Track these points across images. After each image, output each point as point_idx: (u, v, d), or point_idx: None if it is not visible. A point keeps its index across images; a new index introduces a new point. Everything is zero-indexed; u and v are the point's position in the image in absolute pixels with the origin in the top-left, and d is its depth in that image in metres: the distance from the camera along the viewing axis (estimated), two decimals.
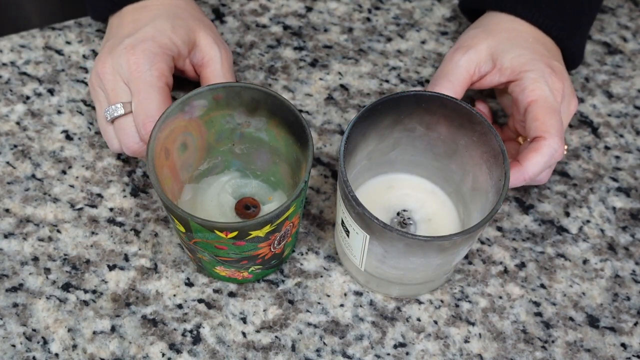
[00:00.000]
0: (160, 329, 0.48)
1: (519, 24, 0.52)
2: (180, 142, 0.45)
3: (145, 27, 0.49)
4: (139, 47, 0.48)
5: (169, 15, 0.50)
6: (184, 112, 0.43)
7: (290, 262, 0.51)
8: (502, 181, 0.42)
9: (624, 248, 0.53)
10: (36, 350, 0.47)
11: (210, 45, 0.51)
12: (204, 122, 0.45)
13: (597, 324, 0.50)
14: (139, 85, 0.47)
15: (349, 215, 0.43)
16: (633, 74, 0.61)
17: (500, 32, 0.52)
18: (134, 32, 0.49)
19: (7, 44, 0.59)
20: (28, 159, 0.54)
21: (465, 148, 0.46)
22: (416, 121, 0.46)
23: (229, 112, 0.45)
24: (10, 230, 0.51)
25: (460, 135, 0.45)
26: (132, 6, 0.52)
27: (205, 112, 0.44)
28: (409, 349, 0.48)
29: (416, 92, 0.44)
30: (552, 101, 0.49)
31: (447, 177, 0.49)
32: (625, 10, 0.64)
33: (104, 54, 0.49)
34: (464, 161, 0.47)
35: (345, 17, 0.62)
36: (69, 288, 0.49)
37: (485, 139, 0.44)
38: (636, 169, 0.56)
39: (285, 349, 0.48)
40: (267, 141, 0.47)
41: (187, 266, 0.50)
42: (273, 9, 0.62)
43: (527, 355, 0.48)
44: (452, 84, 0.50)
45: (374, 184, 0.50)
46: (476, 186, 0.46)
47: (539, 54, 0.50)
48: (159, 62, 0.48)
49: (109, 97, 0.49)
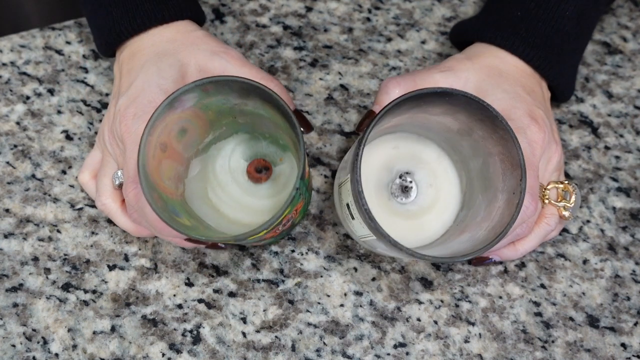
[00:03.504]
0: (160, 329, 0.48)
1: (503, 57, 0.51)
2: (178, 130, 0.45)
3: (136, 82, 0.48)
4: (129, 110, 0.47)
5: (157, 58, 0.49)
6: (174, 107, 0.43)
7: (290, 262, 0.51)
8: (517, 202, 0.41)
9: (624, 248, 0.53)
10: (36, 350, 0.47)
11: (206, 62, 0.49)
12: (199, 108, 0.45)
13: (597, 324, 0.50)
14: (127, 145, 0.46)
15: (358, 215, 0.42)
16: (633, 74, 0.61)
17: (483, 66, 0.50)
18: (127, 88, 0.48)
19: (7, 44, 0.59)
20: (28, 159, 0.54)
21: (482, 138, 0.45)
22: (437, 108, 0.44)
23: (223, 97, 0.44)
24: (10, 230, 0.51)
25: (478, 127, 0.44)
26: (128, 52, 0.50)
27: (197, 101, 0.44)
28: (409, 349, 0.48)
29: (443, 90, 0.42)
30: (528, 155, 0.47)
31: (456, 147, 0.48)
32: (625, 10, 0.64)
33: (108, 115, 0.49)
34: (477, 146, 0.46)
35: (345, 17, 0.62)
36: (69, 288, 0.49)
37: (505, 144, 0.42)
38: (636, 169, 0.56)
39: (285, 349, 0.48)
40: (268, 116, 0.46)
41: (187, 266, 0.50)
42: (273, 9, 0.62)
43: (527, 355, 0.48)
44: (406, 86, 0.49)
45: (381, 142, 0.49)
46: (485, 172, 0.45)
47: (520, 100, 0.49)
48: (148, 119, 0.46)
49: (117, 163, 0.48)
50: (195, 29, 0.51)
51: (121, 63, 0.50)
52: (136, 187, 0.45)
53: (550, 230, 0.49)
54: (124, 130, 0.46)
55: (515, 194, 0.41)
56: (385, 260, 0.51)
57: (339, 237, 0.52)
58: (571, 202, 0.49)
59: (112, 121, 0.48)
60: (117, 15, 0.50)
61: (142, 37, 0.50)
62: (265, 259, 0.51)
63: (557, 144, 0.50)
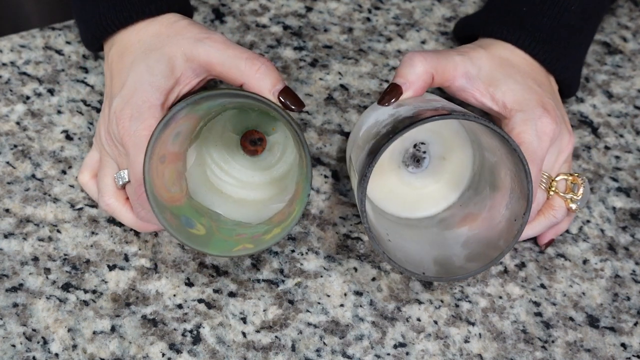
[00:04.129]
0: (160, 329, 0.48)
1: (512, 49, 0.51)
2: (173, 136, 0.45)
3: (127, 82, 0.48)
4: (125, 111, 0.47)
5: (144, 55, 0.48)
6: (168, 125, 0.43)
7: (290, 262, 0.51)
8: (520, 223, 0.42)
9: (624, 248, 0.53)
10: (36, 350, 0.47)
11: (192, 50, 0.48)
12: (191, 113, 0.45)
13: (597, 324, 0.50)
14: (129, 149, 0.46)
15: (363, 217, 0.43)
16: (633, 74, 0.61)
17: (495, 56, 0.50)
18: (120, 89, 0.48)
19: (7, 44, 0.59)
20: (28, 159, 0.54)
21: (499, 149, 0.44)
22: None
23: (212, 102, 0.45)
24: (10, 230, 0.51)
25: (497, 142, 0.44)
26: (117, 50, 0.50)
27: (188, 111, 0.44)
28: (409, 349, 0.48)
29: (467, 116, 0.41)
30: (535, 148, 0.47)
31: (476, 133, 0.47)
32: (625, 10, 0.64)
33: (103, 116, 0.49)
34: (495, 147, 0.45)
35: (345, 17, 0.62)
36: (69, 288, 0.49)
37: (519, 174, 0.43)
38: (636, 169, 0.56)
39: (285, 349, 0.48)
40: (258, 106, 0.47)
41: (187, 266, 0.50)
42: (273, 9, 0.62)
43: (527, 355, 0.48)
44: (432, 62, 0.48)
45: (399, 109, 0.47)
46: (497, 175, 0.45)
47: (531, 92, 0.49)
48: (146, 119, 0.46)
49: (117, 163, 0.48)
50: (179, 19, 0.50)
51: (111, 63, 0.51)
52: (143, 190, 0.45)
53: (556, 222, 0.50)
54: (123, 133, 0.46)
55: (517, 221, 0.42)
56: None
57: (339, 237, 0.52)
58: (578, 194, 0.49)
59: (108, 123, 0.48)
60: (104, 9, 0.50)
61: (129, 31, 0.50)
62: (265, 259, 0.51)
63: (570, 135, 0.50)
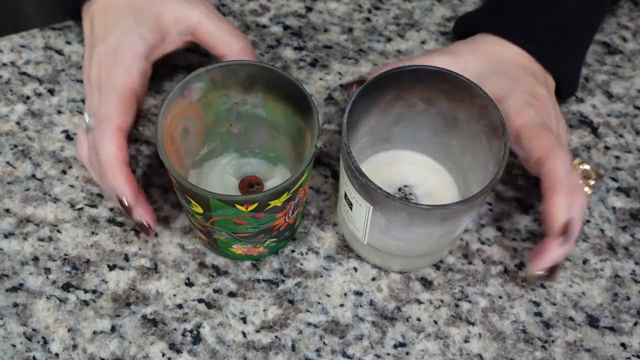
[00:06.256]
0: (160, 329, 0.48)
1: (506, 45, 0.51)
2: (182, 127, 0.46)
3: (114, 31, 0.48)
4: (110, 57, 0.47)
5: (133, 10, 0.49)
6: (184, 96, 0.44)
7: (290, 262, 0.51)
8: (502, 152, 0.42)
9: (624, 248, 0.53)
10: (36, 350, 0.47)
11: (183, 14, 0.49)
12: (202, 105, 0.46)
13: (597, 324, 0.50)
14: (102, 89, 0.47)
15: (352, 187, 0.44)
16: (633, 74, 0.61)
17: (483, 52, 0.51)
18: (104, 37, 0.49)
19: (7, 44, 0.59)
20: (28, 159, 0.54)
21: (465, 122, 0.46)
22: (417, 96, 0.47)
23: (225, 92, 0.46)
24: (10, 230, 0.51)
25: (460, 109, 0.46)
26: (99, 6, 0.51)
27: (202, 94, 0.45)
28: (409, 349, 0.48)
29: (417, 67, 0.45)
30: (543, 119, 0.47)
31: (448, 152, 0.50)
32: (625, 10, 0.64)
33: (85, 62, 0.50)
34: (464, 135, 0.47)
35: (345, 17, 0.62)
36: (69, 288, 0.49)
37: (485, 112, 0.44)
38: (636, 169, 0.56)
39: (285, 349, 0.48)
40: (265, 117, 0.48)
41: (187, 266, 0.50)
42: (273, 9, 0.62)
43: (527, 355, 0.48)
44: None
45: (375, 160, 0.51)
46: (476, 160, 0.47)
47: (519, 80, 0.49)
48: (128, 67, 0.47)
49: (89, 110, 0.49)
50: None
51: (92, 15, 0.51)
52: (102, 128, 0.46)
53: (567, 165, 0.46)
54: (104, 75, 0.47)
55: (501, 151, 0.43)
56: None
57: (339, 237, 0.52)
58: (591, 181, 0.51)
59: (89, 69, 0.48)
60: None
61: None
62: (265, 259, 0.51)
63: (558, 121, 0.50)
